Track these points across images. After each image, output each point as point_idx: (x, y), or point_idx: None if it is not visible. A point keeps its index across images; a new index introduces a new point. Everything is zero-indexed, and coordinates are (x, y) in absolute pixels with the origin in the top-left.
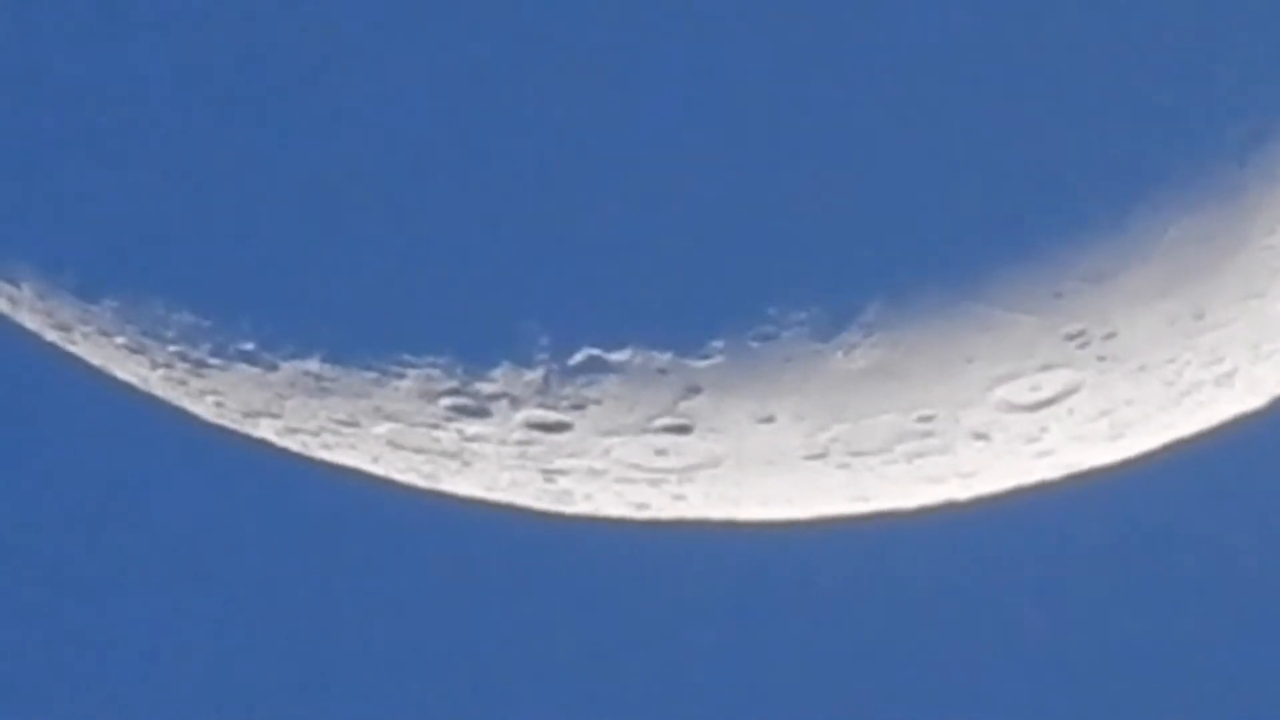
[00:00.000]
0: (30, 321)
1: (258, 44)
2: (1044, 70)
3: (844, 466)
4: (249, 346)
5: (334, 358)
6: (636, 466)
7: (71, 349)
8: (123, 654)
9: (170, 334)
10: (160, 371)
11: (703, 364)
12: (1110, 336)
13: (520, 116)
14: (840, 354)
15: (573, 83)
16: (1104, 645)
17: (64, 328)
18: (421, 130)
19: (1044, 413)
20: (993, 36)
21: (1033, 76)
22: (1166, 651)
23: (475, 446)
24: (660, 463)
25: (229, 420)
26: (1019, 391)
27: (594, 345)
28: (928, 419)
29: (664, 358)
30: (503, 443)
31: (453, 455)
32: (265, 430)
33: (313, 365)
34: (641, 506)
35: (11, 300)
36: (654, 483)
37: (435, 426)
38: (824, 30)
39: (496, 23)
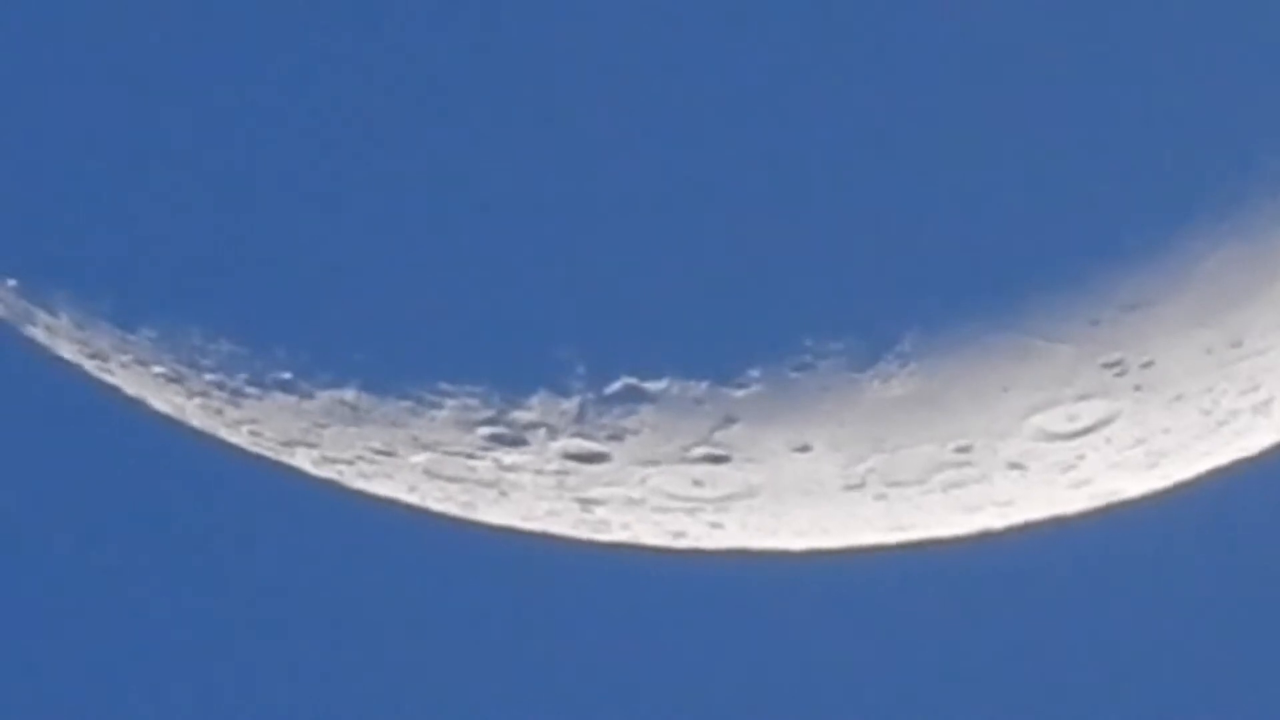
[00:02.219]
0: (67, 350)
1: (296, 78)
2: (1081, 99)
3: (881, 497)
4: (286, 375)
5: (370, 387)
6: (673, 496)
7: (108, 378)
8: (157, 682)
9: (207, 363)
10: (197, 400)
11: (740, 394)
12: (1147, 365)
13: (557, 149)
14: (877, 384)
15: (609, 114)
16: (1140, 674)
17: (101, 356)
18: (459, 162)
19: (1081, 441)
20: (1028, 66)
21: (1070, 106)
22: (1204, 680)
23: (512, 476)
24: (697, 492)
25: (265, 450)
26: (1056, 420)
27: (631, 374)
28: (964, 449)
29: (701, 387)
30: (540, 472)
31: (490, 485)
32: (302, 460)
33: (349, 394)
34: (679, 536)
35: (49, 329)
36: (691, 512)
37: (472, 456)
38: (860, 59)
39: (535, 52)
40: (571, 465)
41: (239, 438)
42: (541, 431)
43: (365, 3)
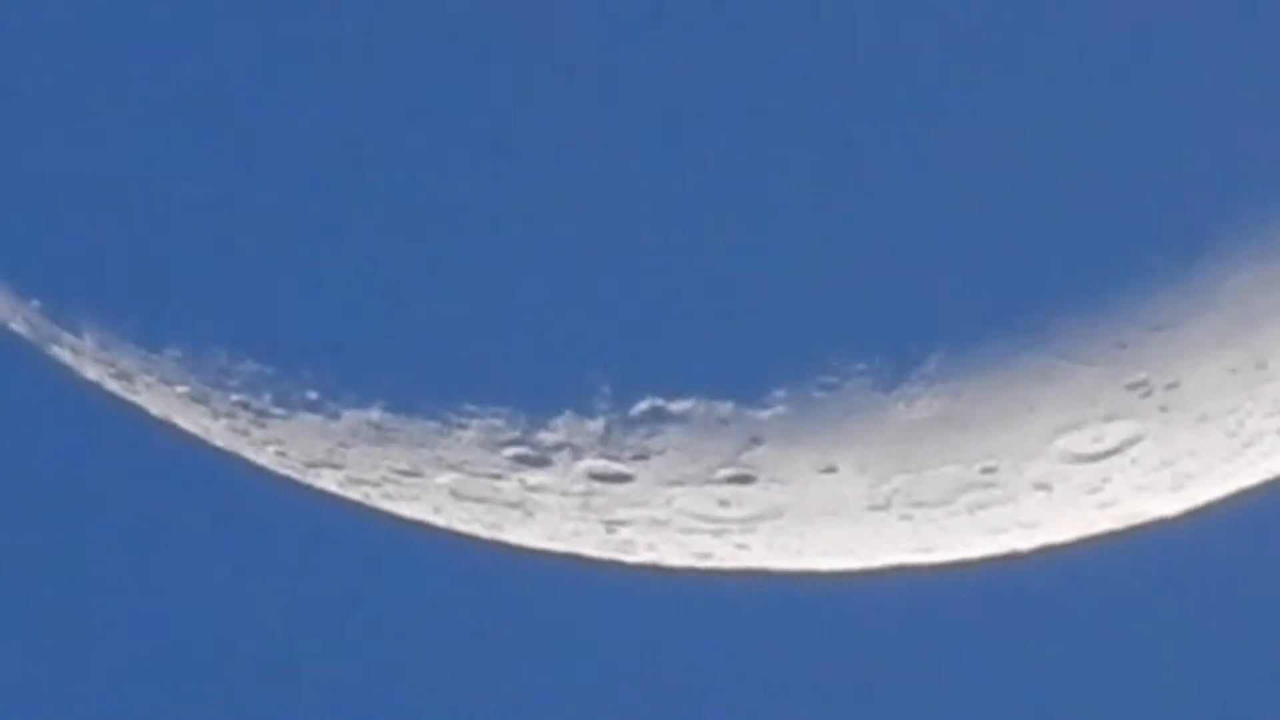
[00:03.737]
0: (92, 371)
1: (321, 104)
2: (1108, 122)
3: (906, 517)
4: (311, 396)
5: (396, 407)
6: (699, 517)
7: (133, 399)
8: (181, 701)
9: (233, 383)
10: (223, 421)
11: (765, 414)
12: (1172, 386)
13: (582, 172)
14: (902, 405)
15: (636, 137)
16: (1167, 695)
17: (126, 377)
18: (484, 185)
19: (1106, 463)
20: (1055, 88)
21: (1096, 128)
22: (1231, 701)
23: (538, 497)
24: (723, 513)
25: (291, 470)
26: (1081, 442)
27: (656, 395)
28: (990, 470)
29: (726, 408)
30: (565, 493)
31: (515, 505)
32: (327, 480)
33: (375, 415)
34: (704, 556)
35: (74, 350)
36: (717, 533)
37: (498, 477)
38: (888, 82)
39: (560, 78)
40: (597, 486)
41: (264, 458)
42: (567, 452)
43: (400, 32)
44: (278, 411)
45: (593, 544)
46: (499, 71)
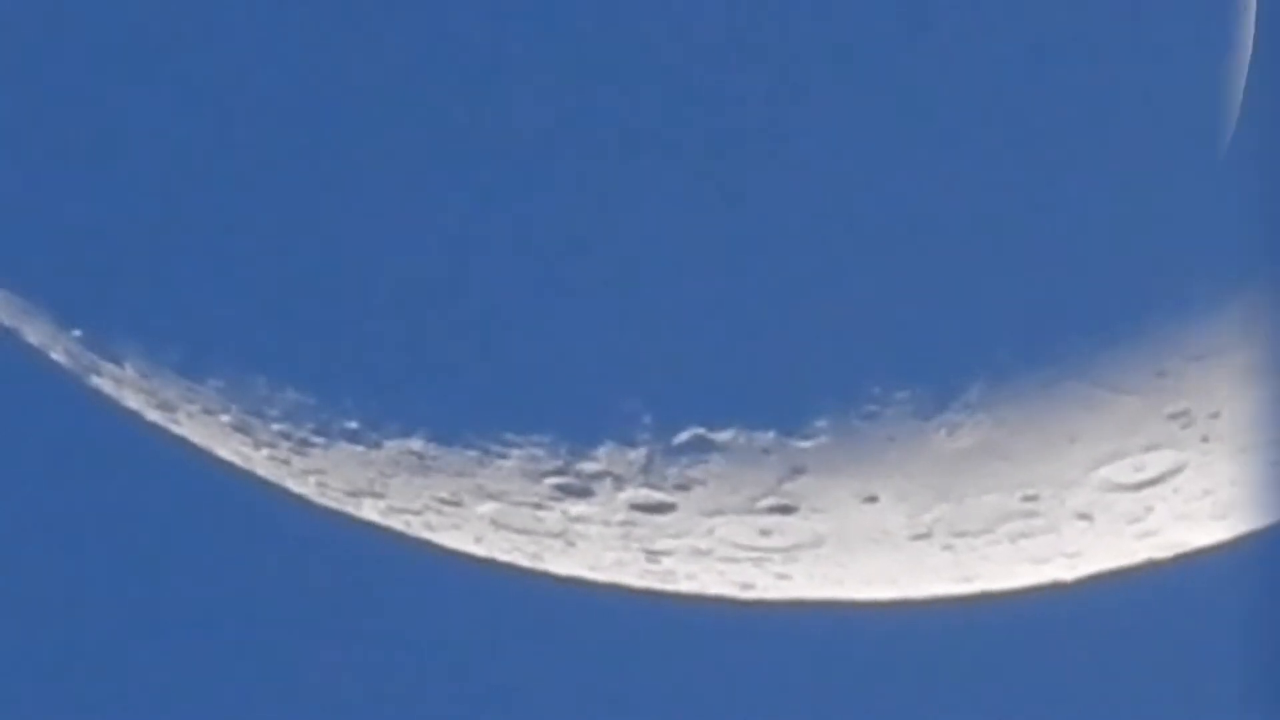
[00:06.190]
0: (134, 401)
1: (354, 134)
2: (1147, 151)
3: (948, 547)
4: (352, 425)
5: (437, 436)
6: (740, 546)
7: (175, 428)
8: None
9: (274, 413)
10: (264, 451)
11: (806, 444)
12: (1214, 416)
13: (624, 202)
14: (943, 434)
15: (669, 163)
16: None
17: (168, 407)
18: (521, 214)
19: (1148, 492)
20: (1095, 117)
21: (1136, 156)
22: None
23: (579, 526)
24: (764, 543)
25: (332, 500)
26: (1123, 471)
27: (698, 425)
28: (1032, 499)
29: (767, 437)
30: (606, 523)
31: (557, 535)
32: (368, 510)
33: (416, 444)
34: (745, 586)
35: (115, 379)
36: (758, 563)
37: (539, 506)
38: (925, 113)
39: (596, 108)
40: (638, 516)
41: (306, 488)
42: (608, 482)
43: (429, 64)
44: (319, 441)
45: (634, 574)
46: (544, 103)
